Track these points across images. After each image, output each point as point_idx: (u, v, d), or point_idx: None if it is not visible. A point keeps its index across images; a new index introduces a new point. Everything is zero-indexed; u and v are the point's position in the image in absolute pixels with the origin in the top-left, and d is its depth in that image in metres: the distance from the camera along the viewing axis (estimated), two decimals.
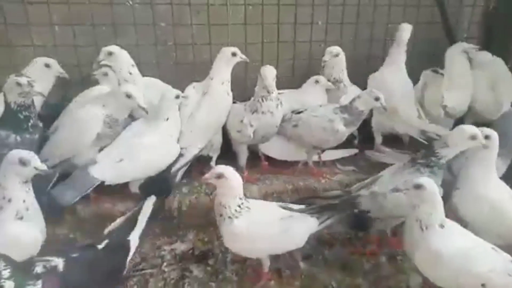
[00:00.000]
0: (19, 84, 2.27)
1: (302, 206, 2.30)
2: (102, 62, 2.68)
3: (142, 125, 2.63)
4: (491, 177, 2.27)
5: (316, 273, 2.43)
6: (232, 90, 2.76)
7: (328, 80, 3.13)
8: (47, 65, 2.76)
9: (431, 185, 1.92)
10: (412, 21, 3.38)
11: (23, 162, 1.89)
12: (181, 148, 2.65)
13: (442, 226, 1.93)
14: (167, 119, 2.59)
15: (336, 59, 3.09)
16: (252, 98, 2.72)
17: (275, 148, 3.04)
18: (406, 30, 3.11)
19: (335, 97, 3.17)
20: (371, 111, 2.85)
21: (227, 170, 2.06)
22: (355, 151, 3.20)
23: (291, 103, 2.94)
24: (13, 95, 2.30)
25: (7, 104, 2.33)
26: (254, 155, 3.05)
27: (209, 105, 2.71)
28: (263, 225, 2.13)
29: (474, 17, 3.82)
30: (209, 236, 2.68)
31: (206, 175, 2.07)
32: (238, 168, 2.81)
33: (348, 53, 3.21)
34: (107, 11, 3.07)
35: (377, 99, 2.61)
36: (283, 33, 3.40)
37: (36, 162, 1.92)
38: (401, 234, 2.17)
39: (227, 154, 2.99)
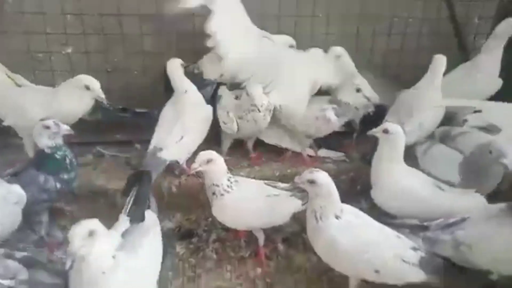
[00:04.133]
0: (47, 127, 2.24)
1: (287, 185, 2.36)
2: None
3: (173, 106, 2.79)
4: (398, 168, 2.33)
5: (293, 255, 2.49)
6: None
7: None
8: (87, 87, 2.66)
9: (324, 180, 1.92)
10: (418, 15, 3.37)
11: None
12: None
13: (337, 217, 1.95)
14: (186, 91, 2.77)
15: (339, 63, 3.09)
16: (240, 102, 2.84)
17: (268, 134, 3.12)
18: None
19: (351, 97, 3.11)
20: None
21: (213, 154, 2.20)
22: (341, 154, 3.18)
23: None
24: (44, 139, 2.26)
25: (40, 150, 2.29)
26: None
27: None
28: (251, 199, 2.27)
29: (487, 11, 3.72)
30: (196, 217, 2.79)
31: (194, 164, 2.18)
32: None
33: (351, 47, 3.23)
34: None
35: (358, 90, 2.65)
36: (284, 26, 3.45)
37: None
38: None
39: None
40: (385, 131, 2.28)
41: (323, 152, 3.16)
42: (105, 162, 3.12)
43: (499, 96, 3.18)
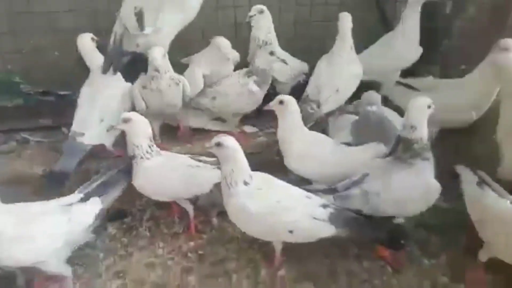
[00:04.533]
0: None
1: (212, 160, 2.39)
2: None
3: (90, 87, 2.72)
4: (301, 134, 2.41)
5: (226, 227, 2.52)
6: None
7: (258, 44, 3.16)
8: None
9: (230, 143, 1.95)
10: None
11: None
12: None
13: (246, 183, 1.98)
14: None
15: (261, 17, 3.11)
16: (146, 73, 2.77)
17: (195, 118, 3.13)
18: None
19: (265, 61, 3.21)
20: None
21: (132, 114, 2.24)
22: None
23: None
24: None
25: None
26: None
27: None
28: (171, 167, 2.30)
29: None
30: (129, 197, 2.74)
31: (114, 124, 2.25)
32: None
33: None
34: None
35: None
36: None
37: None
38: None
39: None
40: (281, 103, 2.35)
41: (247, 128, 3.23)
42: (29, 148, 3.00)
43: (421, 63, 3.34)
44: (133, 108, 2.79)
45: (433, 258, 2.29)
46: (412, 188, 2.08)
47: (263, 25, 3.12)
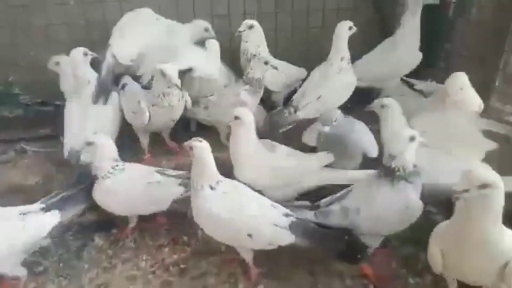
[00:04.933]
0: None
1: (180, 173, 2.45)
2: None
3: (78, 104, 2.77)
4: (250, 144, 2.41)
5: (210, 239, 2.47)
6: None
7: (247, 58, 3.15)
8: None
9: (200, 147, 2.01)
10: None
11: None
12: None
13: (212, 188, 2.05)
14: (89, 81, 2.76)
15: (251, 32, 3.09)
16: (151, 90, 2.75)
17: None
18: None
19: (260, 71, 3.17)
20: None
21: (96, 138, 2.32)
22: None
23: None
24: None
25: None
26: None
27: None
28: (128, 186, 2.36)
29: None
30: None
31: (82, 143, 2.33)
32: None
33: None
34: None
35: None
36: None
37: None
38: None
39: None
40: (236, 118, 2.34)
41: None
42: (27, 158, 3.08)
43: (422, 68, 3.23)
44: (123, 118, 2.82)
45: (418, 277, 2.21)
46: (393, 205, 2.02)
47: (253, 40, 3.11)
